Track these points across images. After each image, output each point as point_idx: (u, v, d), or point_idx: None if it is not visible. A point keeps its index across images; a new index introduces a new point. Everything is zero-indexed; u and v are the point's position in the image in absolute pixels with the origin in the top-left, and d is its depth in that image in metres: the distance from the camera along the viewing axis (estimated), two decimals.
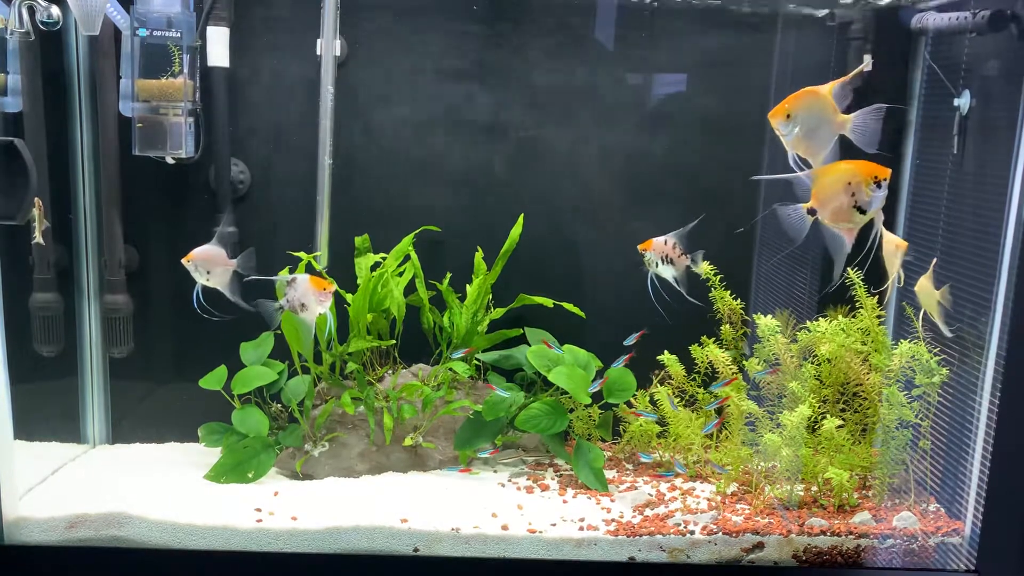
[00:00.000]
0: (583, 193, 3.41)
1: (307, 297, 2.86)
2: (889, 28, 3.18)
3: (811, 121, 2.41)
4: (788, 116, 2.42)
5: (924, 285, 2.70)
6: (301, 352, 3.17)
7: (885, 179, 2.39)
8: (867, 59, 3.15)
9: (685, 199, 3.40)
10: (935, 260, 2.63)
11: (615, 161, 3.38)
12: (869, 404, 3.00)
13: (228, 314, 2.98)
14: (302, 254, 3.12)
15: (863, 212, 2.40)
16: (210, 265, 2.89)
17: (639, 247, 2.95)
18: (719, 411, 3.14)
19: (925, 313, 2.74)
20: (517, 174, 3.38)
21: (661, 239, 2.91)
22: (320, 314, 2.89)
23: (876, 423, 2.96)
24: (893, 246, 2.62)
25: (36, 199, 2.76)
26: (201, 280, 2.91)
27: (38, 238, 2.84)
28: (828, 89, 2.42)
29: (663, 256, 2.90)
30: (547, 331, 3.37)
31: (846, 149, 2.45)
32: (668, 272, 2.92)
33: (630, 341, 3.18)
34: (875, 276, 2.81)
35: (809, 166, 2.45)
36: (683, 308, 2.96)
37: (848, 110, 2.43)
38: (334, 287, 2.89)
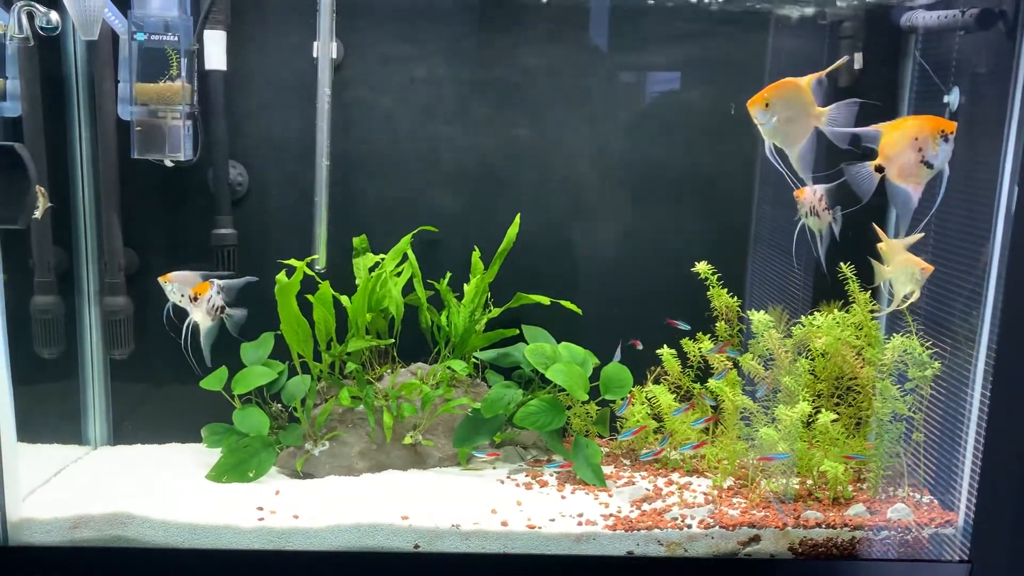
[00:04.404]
0: (580, 192, 3.43)
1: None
2: (879, 26, 3.21)
3: (789, 111, 2.42)
4: (767, 105, 2.43)
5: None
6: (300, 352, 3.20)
7: (952, 132, 2.39)
8: (857, 56, 3.18)
9: (681, 196, 3.43)
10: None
11: (611, 159, 3.41)
12: (863, 398, 3.03)
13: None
14: (294, 261, 3.13)
15: (930, 167, 2.41)
16: (186, 289, 2.95)
17: (795, 193, 2.80)
18: (715, 408, 3.17)
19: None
20: (514, 173, 3.40)
21: (811, 188, 2.76)
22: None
23: (870, 416, 2.99)
24: (917, 268, 2.60)
25: (38, 187, 2.79)
26: (175, 299, 2.97)
27: (39, 215, 2.88)
28: (807, 81, 2.44)
29: (811, 207, 2.77)
30: (544, 329, 3.40)
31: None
32: (813, 224, 2.79)
33: (617, 357, 3.22)
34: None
35: (785, 156, 2.46)
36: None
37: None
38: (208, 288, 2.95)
